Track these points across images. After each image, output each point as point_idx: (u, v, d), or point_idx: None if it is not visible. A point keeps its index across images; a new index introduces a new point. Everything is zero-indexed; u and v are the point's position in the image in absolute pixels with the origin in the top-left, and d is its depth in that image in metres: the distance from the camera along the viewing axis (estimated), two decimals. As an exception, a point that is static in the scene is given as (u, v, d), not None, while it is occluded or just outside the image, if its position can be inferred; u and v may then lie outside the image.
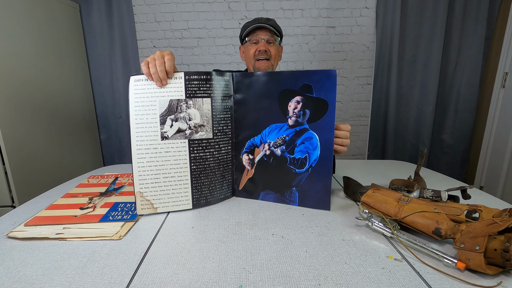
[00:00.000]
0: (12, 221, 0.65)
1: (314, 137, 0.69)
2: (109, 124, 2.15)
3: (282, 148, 0.72)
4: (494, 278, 0.44)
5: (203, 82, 0.68)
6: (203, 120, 0.69)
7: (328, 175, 0.68)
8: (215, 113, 0.71)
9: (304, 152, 0.70)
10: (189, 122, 0.68)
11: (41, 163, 1.55)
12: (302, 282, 0.44)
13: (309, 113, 0.69)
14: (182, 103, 0.67)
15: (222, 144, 0.73)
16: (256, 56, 0.98)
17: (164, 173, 0.67)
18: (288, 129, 0.71)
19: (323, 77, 0.67)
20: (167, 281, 0.44)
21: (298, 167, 0.71)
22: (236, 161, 0.77)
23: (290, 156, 0.71)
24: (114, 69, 2.04)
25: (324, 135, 0.68)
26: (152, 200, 0.67)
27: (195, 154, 0.69)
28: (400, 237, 0.54)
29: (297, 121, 0.70)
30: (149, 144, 0.66)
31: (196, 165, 0.69)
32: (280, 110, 0.72)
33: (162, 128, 0.66)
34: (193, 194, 0.70)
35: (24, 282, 0.44)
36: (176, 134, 0.67)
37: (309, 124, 0.69)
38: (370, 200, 0.63)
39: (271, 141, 0.73)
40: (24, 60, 1.46)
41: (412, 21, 1.96)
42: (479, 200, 0.74)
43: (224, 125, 0.73)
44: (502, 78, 1.84)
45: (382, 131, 2.14)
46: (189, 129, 0.68)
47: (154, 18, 1.99)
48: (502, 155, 1.81)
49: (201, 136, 0.69)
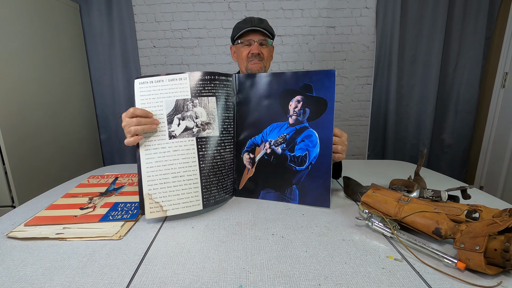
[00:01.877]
0: (12, 221, 0.65)
1: (314, 135, 0.70)
2: (109, 124, 2.15)
3: (283, 146, 0.73)
4: (494, 278, 0.44)
5: (207, 82, 0.70)
6: (209, 118, 0.70)
7: (328, 172, 0.69)
8: (220, 112, 0.72)
9: (304, 150, 0.71)
10: (196, 120, 0.69)
11: (41, 163, 1.54)
12: (302, 282, 0.44)
13: (309, 112, 0.71)
14: (188, 102, 0.68)
15: (227, 143, 0.75)
16: (248, 59, 0.98)
17: (173, 172, 0.66)
18: (288, 127, 0.73)
19: (323, 77, 0.69)
20: (167, 281, 0.44)
21: (298, 165, 0.72)
22: (236, 160, 0.78)
23: (290, 154, 0.72)
24: (114, 69, 2.04)
25: (323, 133, 0.69)
26: (161, 202, 0.65)
27: (203, 152, 0.69)
28: (400, 237, 0.54)
29: (298, 120, 0.72)
30: (157, 144, 0.66)
31: (204, 163, 0.69)
32: (281, 109, 0.73)
33: (170, 127, 0.67)
34: (203, 194, 0.69)
35: (24, 282, 0.44)
36: (183, 132, 0.68)
37: (309, 122, 0.71)
38: (370, 200, 0.63)
39: (272, 140, 0.74)
40: (24, 60, 1.46)
41: (412, 21, 1.96)
42: (479, 200, 0.74)
43: (228, 124, 0.75)
44: (502, 78, 1.84)
45: (382, 131, 2.14)
46: (196, 127, 0.69)
47: (154, 18, 1.99)
48: (502, 155, 1.81)
49: (208, 134, 0.70)
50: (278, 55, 2.04)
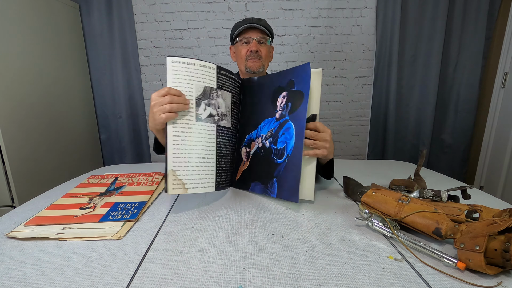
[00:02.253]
0: (12, 221, 0.65)
1: (291, 127, 0.72)
2: (109, 124, 2.15)
3: (270, 140, 0.76)
4: (494, 278, 0.44)
5: (227, 78, 0.76)
6: (226, 111, 0.76)
7: (298, 165, 0.68)
8: (232, 107, 0.79)
9: (284, 142, 0.73)
10: (218, 109, 0.74)
11: (41, 163, 1.55)
12: (302, 282, 0.44)
13: (290, 105, 0.73)
14: (214, 91, 0.73)
15: (233, 136, 0.81)
16: (247, 57, 0.98)
17: (196, 153, 0.69)
18: (275, 122, 0.76)
19: (301, 71, 0.72)
20: (167, 281, 0.44)
21: (279, 157, 0.74)
22: (236, 153, 0.83)
23: (274, 147, 0.75)
24: (114, 69, 2.04)
25: (297, 124, 0.70)
26: (184, 179, 0.67)
27: (220, 139, 0.75)
28: (400, 237, 0.54)
29: (282, 114, 0.75)
30: (185, 123, 0.68)
31: (220, 150, 0.75)
32: (272, 106, 0.78)
33: (197, 110, 0.69)
34: (217, 177, 0.74)
35: (24, 282, 0.44)
36: (208, 117, 0.71)
37: (289, 115, 0.73)
38: (370, 200, 0.63)
39: (263, 135, 0.78)
40: (24, 60, 1.46)
41: (412, 21, 1.96)
42: (479, 200, 0.74)
43: (235, 119, 0.81)
44: (502, 78, 1.84)
45: (382, 131, 2.14)
46: (217, 116, 0.74)
47: (154, 18, 1.99)
48: (502, 155, 1.81)
49: (224, 124, 0.76)
50: (278, 55, 2.04)
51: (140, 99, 2.09)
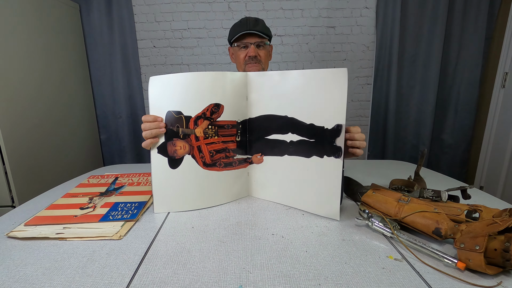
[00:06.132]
0: (12, 221, 0.65)
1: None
2: (109, 124, 2.15)
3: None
4: (494, 278, 0.44)
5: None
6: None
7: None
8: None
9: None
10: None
11: (41, 163, 1.54)
12: (302, 282, 0.44)
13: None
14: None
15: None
16: (246, 61, 0.98)
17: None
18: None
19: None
20: (167, 281, 0.44)
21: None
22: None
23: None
24: (114, 69, 2.04)
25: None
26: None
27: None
28: (400, 237, 0.54)
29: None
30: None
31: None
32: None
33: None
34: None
35: (24, 282, 0.44)
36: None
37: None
38: (370, 200, 0.63)
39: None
40: (24, 60, 1.46)
41: (412, 21, 1.96)
42: (479, 200, 0.74)
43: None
44: (502, 78, 1.84)
45: (382, 131, 2.14)
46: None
47: (154, 18, 1.99)
48: (502, 155, 1.81)
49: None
50: (278, 55, 2.04)
51: (140, 99, 2.09)
